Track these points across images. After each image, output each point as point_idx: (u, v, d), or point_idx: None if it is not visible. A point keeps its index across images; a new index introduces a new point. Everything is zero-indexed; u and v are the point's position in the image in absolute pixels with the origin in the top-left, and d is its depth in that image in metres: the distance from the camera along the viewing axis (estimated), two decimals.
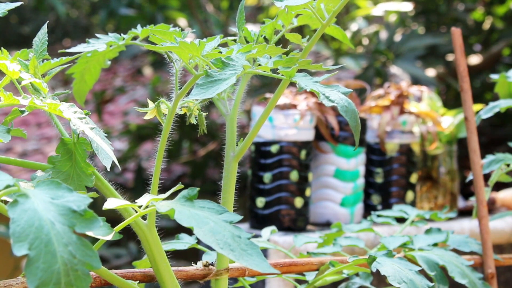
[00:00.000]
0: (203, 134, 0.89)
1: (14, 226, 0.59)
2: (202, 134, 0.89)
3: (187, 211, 0.69)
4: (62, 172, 0.82)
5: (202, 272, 0.90)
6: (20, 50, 0.87)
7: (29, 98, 0.76)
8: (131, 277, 0.88)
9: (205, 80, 0.75)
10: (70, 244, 0.60)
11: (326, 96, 0.77)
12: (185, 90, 0.85)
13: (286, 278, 1.05)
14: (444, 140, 1.95)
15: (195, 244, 1.06)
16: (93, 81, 0.90)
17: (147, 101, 0.87)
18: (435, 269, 1.00)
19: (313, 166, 1.82)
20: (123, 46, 0.89)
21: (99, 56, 0.89)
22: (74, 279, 0.59)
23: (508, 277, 1.89)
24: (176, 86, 0.85)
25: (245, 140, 0.87)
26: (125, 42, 0.89)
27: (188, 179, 3.79)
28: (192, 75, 0.85)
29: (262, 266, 0.68)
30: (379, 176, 1.91)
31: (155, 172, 0.84)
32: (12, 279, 0.82)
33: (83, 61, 0.89)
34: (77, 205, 0.63)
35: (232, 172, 0.88)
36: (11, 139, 0.78)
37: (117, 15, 4.09)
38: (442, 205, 1.93)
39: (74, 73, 0.90)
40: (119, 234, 0.73)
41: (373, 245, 1.47)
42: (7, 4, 0.87)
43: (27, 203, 0.61)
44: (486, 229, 1.19)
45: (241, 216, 0.72)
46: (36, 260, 0.58)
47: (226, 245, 0.67)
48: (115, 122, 4.68)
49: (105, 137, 0.82)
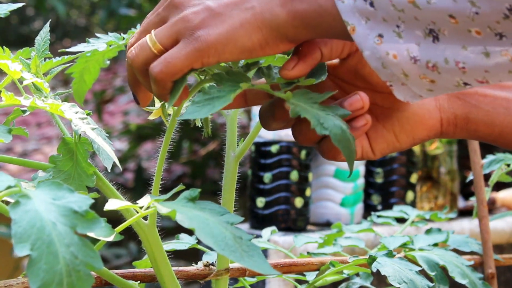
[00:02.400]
0: (209, 135, 0.89)
1: (16, 227, 0.59)
2: (206, 136, 0.89)
3: (188, 213, 0.69)
4: (63, 172, 0.82)
5: (203, 272, 0.91)
6: (23, 50, 0.87)
7: (31, 98, 0.76)
8: (131, 277, 0.88)
9: (201, 98, 0.73)
10: (72, 245, 0.60)
11: (320, 122, 0.72)
12: (191, 92, 0.85)
13: (286, 278, 1.06)
14: (444, 140, 1.95)
15: (195, 244, 1.06)
16: (92, 81, 0.90)
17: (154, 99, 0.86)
18: (435, 269, 1.00)
19: (313, 166, 1.82)
20: (123, 46, 0.89)
21: (99, 55, 0.89)
22: (76, 279, 0.59)
23: (508, 277, 1.89)
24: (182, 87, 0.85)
25: (245, 140, 0.87)
26: (125, 41, 0.89)
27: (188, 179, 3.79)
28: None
29: (263, 267, 0.68)
30: (379, 176, 1.91)
31: (156, 173, 0.84)
32: (13, 279, 0.82)
33: (82, 61, 0.89)
34: (78, 205, 0.63)
35: (232, 172, 0.88)
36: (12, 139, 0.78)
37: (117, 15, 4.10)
38: (442, 205, 1.93)
39: (74, 72, 0.89)
40: (120, 235, 0.73)
41: (374, 245, 1.47)
42: (9, 5, 0.87)
43: (28, 204, 0.61)
44: (486, 229, 1.20)
45: (242, 218, 0.72)
46: (38, 261, 0.58)
47: (227, 247, 0.67)
48: (115, 122, 4.68)
49: (106, 137, 0.82)
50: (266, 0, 0.74)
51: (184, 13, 0.74)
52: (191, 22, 0.74)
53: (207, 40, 0.73)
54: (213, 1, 0.75)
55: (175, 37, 0.74)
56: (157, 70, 0.74)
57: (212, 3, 0.74)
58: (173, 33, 0.74)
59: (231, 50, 0.73)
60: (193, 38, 0.73)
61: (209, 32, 0.73)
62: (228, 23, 0.73)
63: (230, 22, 0.73)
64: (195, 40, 0.73)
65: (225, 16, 0.74)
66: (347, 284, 1.07)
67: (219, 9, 0.74)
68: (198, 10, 0.74)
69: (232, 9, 0.74)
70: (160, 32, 0.75)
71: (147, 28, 0.77)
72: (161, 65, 0.74)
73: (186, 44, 0.73)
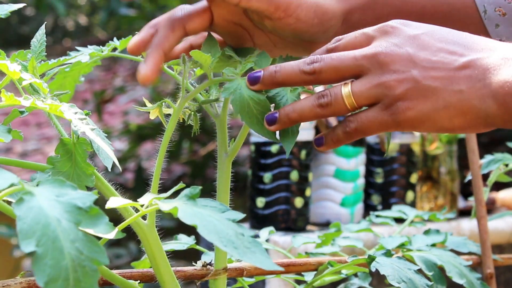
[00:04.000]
0: (197, 134, 0.90)
1: (21, 224, 0.60)
2: (196, 134, 0.90)
3: (190, 210, 0.70)
4: (62, 173, 0.82)
5: (201, 272, 0.91)
6: (17, 52, 0.87)
7: (31, 99, 0.76)
8: (130, 276, 0.88)
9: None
10: (77, 241, 0.61)
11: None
12: (194, 93, 0.86)
13: (284, 278, 1.06)
14: (444, 140, 1.95)
15: (194, 244, 1.06)
16: (68, 99, 0.90)
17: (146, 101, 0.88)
18: (433, 269, 1.00)
19: (313, 166, 1.82)
20: (99, 61, 0.90)
21: (75, 71, 0.89)
22: (82, 275, 0.59)
23: (508, 277, 1.89)
24: (183, 88, 0.85)
25: (237, 140, 0.88)
26: (106, 54, 0.90)
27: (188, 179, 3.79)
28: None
29: (265, 263, 0.68)
30: (379, 176, 1.91)
31: (155, 173, 0.84)
32: (11, 279, 0.83)
33: (60, 77, 0.90)
34: (82, 202, 0.63)
35: (226, 172, 0.88)
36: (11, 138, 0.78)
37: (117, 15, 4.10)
38: (442, 205, 1.94)
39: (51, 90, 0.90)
40: (121, 232, 0.73)
41: (372, 245, 1.47)
42: (9, 6, 0.87)
43: (32, 201, 0.62)
44: (485, 229, 1.20)
45: (243, 214, 0.72)
46: (44, 257, 0.59)
47: (229, 243, 0.67)
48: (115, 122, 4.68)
49: (105, 137, 0.82)
50: (476, 86, 0.71)
51: (386, 77, 0.73)
52: (393, 91, 0.72)
53: (406, 115, 0.72)
54: (420, 70, 0.72)
55: (373, 100, 0.74)
56: (352, 127, 0.75)
57: (418, 73, 0.72)
58: (371, 96, 0.74)
59: (427, 127, 0.73)
60: (392, 109, 0.72)
61: (410, 107, 0.72)
62: (431, 102, 0.72)
63: (434, 102, 0.72)
64: (393, 112, 0.72)
65: (429, 92, 0.72)
66: (345, 285, 1.07)
67: (425, 82, 0.72)
68: (402, 78, 0.72)
69: (438, 86, 0.72)
70: (358, 91, 0.74)
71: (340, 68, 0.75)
72: (356, 124, 0.75)
73: (383, 112, 0.73)
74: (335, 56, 0.76)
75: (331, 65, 0.75)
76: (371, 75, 0.74)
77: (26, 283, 0.83)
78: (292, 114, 0.77)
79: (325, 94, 0.76)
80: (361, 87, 0.74)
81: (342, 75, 0.75)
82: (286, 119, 0.77)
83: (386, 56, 0.73)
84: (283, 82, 0.78)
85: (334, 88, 0.76)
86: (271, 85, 0.79)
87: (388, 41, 0.74)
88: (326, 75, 0.76)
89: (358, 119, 0.75)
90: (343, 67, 0.75)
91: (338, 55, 0.76)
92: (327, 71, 0.75)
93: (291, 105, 0.77)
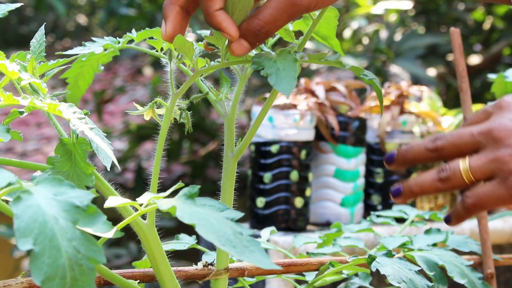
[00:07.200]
0: (190, 131, 0.90)
1: (18, 222, 0.59)
2: (189, 132, 0.90)
3: (188, 209, 0.69)
4: (62, 173, 0.82)
5: (202, 272, 0.91)
6: (17, 53, 0.87)
7: (29, 99, 0.75)
8: (130, 276, 0.88)
9: None
10: (74, 239, 0.60)
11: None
12: (182, 90, 0.86)
13: (285, 278, 1.06)
14: None
15: (195, 244, 1.06)
16: (86, 87, 0.90)
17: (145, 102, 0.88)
18: (434, 269, 1.00)
19: (313, 166, 1.82)
20: (117, 51, 0.89)
21: (93, 61, 0.89)
22: (79, 273, 0.59)
23: (508, 277, 1.89)
24: (171, 85, 0.85)
25: (243, 140, 0.87)
26: (121, 45, 0.89)
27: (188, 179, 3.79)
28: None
29: (264, 262, 0.68)
30: (379, 176, 1.91)
31: (154, 172, 0.84)
32: (12, 279, 0.82)
33: (77, 66, 0.89)
34: (80, 200, 0.63)
35: (231, 172, 0.88)
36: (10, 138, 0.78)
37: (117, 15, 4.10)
38: (443, 205, 1.93)
39: (68, 77, 0.90)
40: (120, 232, 0.73)
41: (373, 245, 1.47)
42: (7, 5, 0.87)
43: (30, 199, 0.62)
44: (485, 229, 1.20)
45: (242, 213, 0.72)
46: (41, 255, 0.59)
47: (228, 242, 0.67)
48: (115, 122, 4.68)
49: (104, 137, 0.82)
50: None
51: (501, 152, 0.77)
52: (508, 165, 0.76)
53: None
54: None
55: (489, 175, 0.77)
56: (470, 202, 0.79)
57: None
58: (487, 171, 0.77)
59: None
60: (508, 183, 0.76)
61: None
62: None
63: None
64: (509, 186, 0.76)
65: None
66: (346, 284, 1.07)
67: None
68: None
69: None
70: (475, 166, 0.78)
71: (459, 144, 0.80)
72: (474, 199, 0.78)
73: (499, 187, 0.77)
74: (455, 133, 0.81)
75: (451, 142, 0.80)
76: (487, 150, 0.78)
77: (27, 283, 0.82)
78: (414, 188, 0.82)
79: (445, 169, 0.80)
80: (477, 162, 0.78)
81: (461, 150, 0.80)
82: (409, 193, 0.83)
83: (500, 131, 0.78)
84: (413, 161, 0.83)
85: (453, 163, 0.80)
86: (403, 164, 0.84)
87: (503, 116, 0.79)
88: (447, 152, 0.80)
89: (475, 195, 0.79)
90: (462, 144, 0.80)
91: (458, 132, 0.81)
92: (448, 147, 0.80)
93: (414, 180, 0.82)
